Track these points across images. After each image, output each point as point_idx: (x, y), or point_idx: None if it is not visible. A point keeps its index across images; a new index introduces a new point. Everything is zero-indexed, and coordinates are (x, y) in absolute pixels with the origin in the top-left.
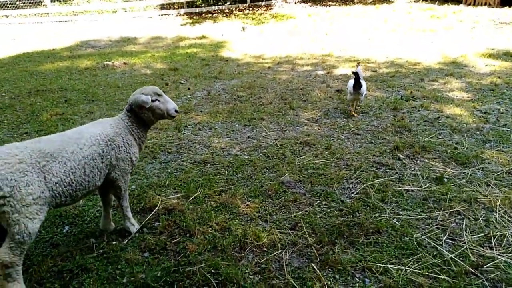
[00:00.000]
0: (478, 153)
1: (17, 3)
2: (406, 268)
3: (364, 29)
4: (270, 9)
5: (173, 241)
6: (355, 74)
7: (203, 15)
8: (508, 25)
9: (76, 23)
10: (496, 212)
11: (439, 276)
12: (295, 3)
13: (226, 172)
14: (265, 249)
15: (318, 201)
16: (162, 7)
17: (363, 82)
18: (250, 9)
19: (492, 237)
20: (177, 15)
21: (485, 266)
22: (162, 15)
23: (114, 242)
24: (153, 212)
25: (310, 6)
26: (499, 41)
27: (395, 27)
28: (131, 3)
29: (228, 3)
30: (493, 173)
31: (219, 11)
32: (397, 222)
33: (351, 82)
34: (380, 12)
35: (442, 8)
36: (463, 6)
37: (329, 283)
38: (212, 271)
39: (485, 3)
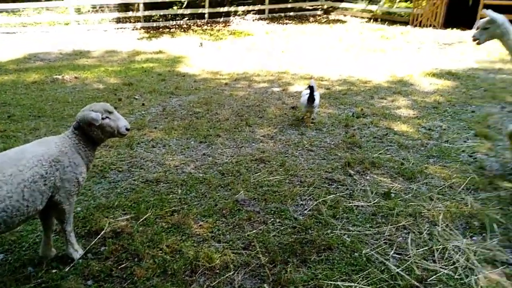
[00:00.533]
0: (423, 168)
1: None
2: (355, 284)
3: (320, 47)
4: (228, 25)
5: (119, 267)
6: (311, 88)
7: (161, 29)
8: (450, 46)
9: (25, 34)
10: (438, 226)
11: None
12: (253, 20)
13: (180, 191)
14: (217, 271)
15: (272, 219)
16: (118, 20)
17: (316, 95)
18: (208, 25)
19: (435, 251)
20: (133, 29)
21: (428, 280)
22: (118, 28)
23: (54, 270)
24: (99, 236)
25: (268, 23)
26: (442, 61)
27: (348, 47)
28: (85, 16)
29: (186, 18)
30: (436, 187)
31: (177, 26)
32: (347, 238)
33: (305, 96)
34: (334, 31)
35: (391, 28)
36: (410, 27)
37: None
38: None
39: (430, 25)
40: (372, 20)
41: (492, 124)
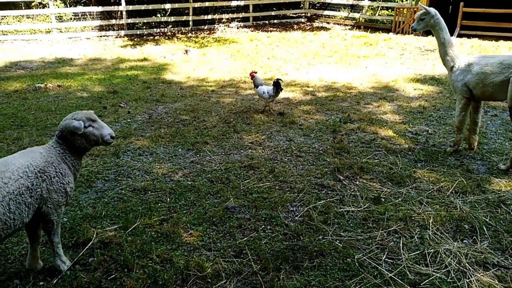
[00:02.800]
0: (411, 173)
1: None
2: None
3: (304, 54)
4: (213, 33)
5: (109, 278)
6: (277, 82)
7: (145, 37)
8: (432, 52)
9: (5, 43)
10: (429, 230)
11: None
12: (238, 28)
13: (168, 199)
14: (209, 280)
15: (263, 226)
16: (101, 28)
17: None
18: (193, 32)
19: (427, 254)
20: (117, 37)
21: (422, 284)
22: (101, 36)
23: (41, 283)
24: (87, 247)
25: (252, 31)
26: (425, 67)
27: (332, 54)
28: (67, 23)
29: (170, 26)
30: (425, 191)
31: (161, 34)
32: (339, 244)
33: (268, 88)
34: (318, 38)
35: (374, 35)
36: (392, 35)
37: None
38: None
39: (411, 32)
40: (355, 28)
41: None
